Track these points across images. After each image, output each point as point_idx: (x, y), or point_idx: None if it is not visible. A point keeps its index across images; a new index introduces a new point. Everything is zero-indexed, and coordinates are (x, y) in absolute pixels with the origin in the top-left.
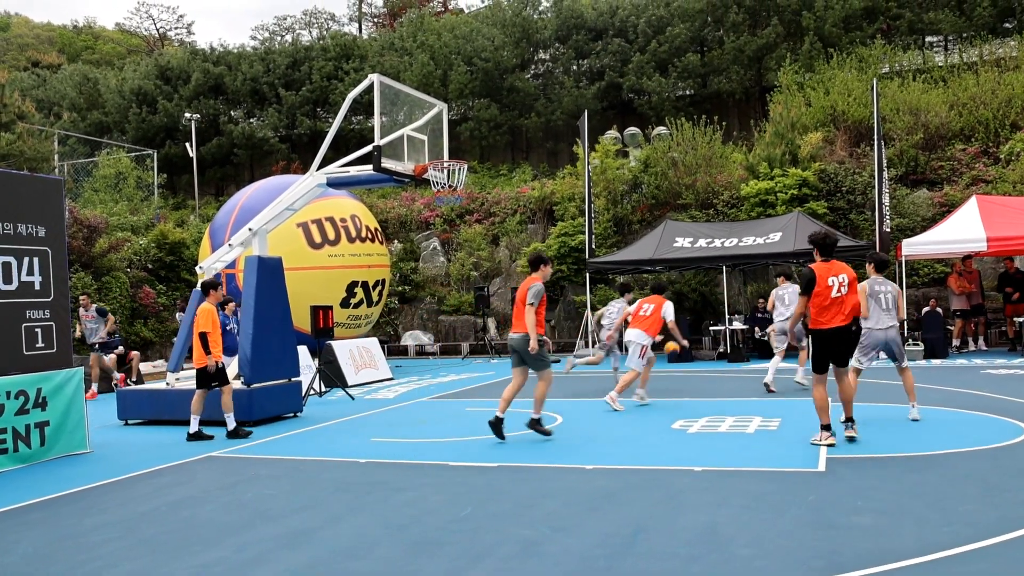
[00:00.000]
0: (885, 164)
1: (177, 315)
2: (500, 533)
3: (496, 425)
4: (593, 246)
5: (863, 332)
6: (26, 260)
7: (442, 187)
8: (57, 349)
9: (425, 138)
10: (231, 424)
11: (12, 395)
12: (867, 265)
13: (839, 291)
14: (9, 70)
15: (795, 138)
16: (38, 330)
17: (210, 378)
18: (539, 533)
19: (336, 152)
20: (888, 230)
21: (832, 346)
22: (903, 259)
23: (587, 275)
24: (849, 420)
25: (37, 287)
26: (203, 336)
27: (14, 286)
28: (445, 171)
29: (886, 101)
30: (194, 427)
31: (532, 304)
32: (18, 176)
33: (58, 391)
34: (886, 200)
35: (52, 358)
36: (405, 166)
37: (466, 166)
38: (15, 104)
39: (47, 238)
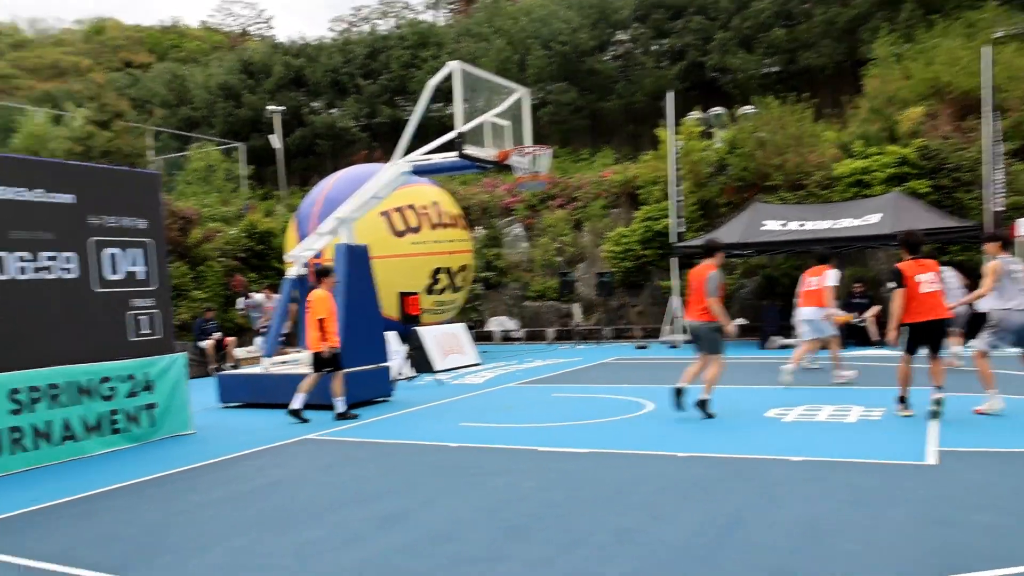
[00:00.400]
0: (998, 138)
1: (241, 301)
2: (594, 520)
3: (701, 405)
4: (680, 230)
5: (994, 314)
6: (130, 251)
7: (525, 173)
8: (162, 335)
9: (508, 124)
10: (340, 408)
11: (123, 378)
12: (987, 245)
13: (928, 287)
14: (105, 71)
15: (893, 113)
16: (144, 317)
17: (324, 363)
18: (633, 521)
19: (418, 140)
20: (1001, 209)
21: (924, 338)
22: (1018, 239)
23: (673, 260)
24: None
25: (141, 277)
26: (320, 322)
27: (120, 276)
28: (528, 157)
29: (1000, 68)
30: (297, 404)
31: (714, 294)
32: (120, 172)
33: (163, 375)
34: (999, 176)
35: (157, 344)
36: (488, 152)
37: (550, 151)
38: (112, 103)
39: (148, 230)
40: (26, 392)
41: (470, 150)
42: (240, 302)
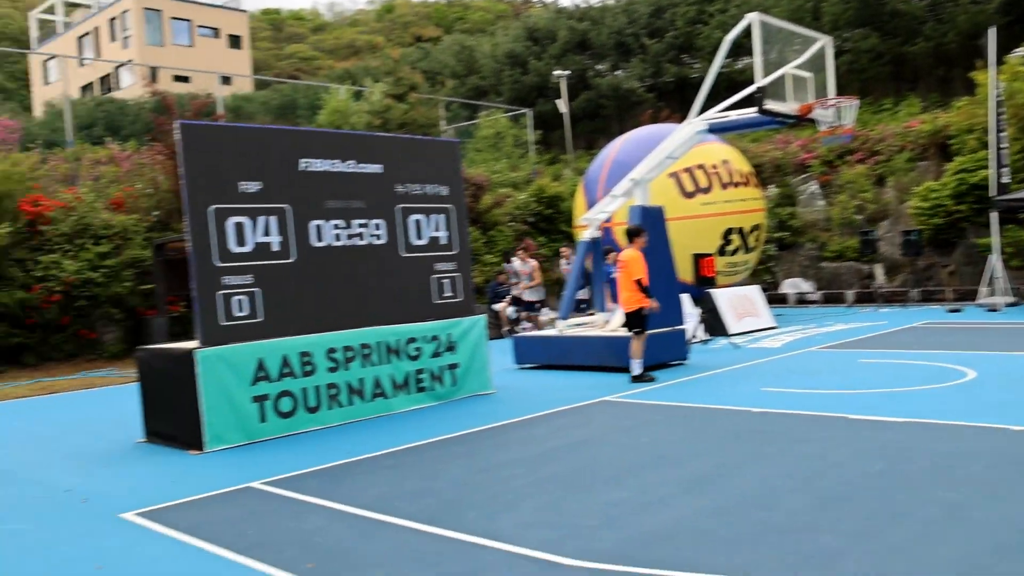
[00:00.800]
0: None
1: (563, 263)
2: (918, 493)
3: None
4: (1004, 180)
5: None
6: (433, 218)
7: (830, 126)
8: (463, 298)
9: (809, 76)
10: (637, 370)
11: (428, 339)
12: None
13: None
14: (398, 47)
15: None
16: (446, 281)
17: (639, 322)
18: (964, 497)
19: (708, 98)
20: None
21: None
22: None
23: (992, 215)
24: None
25: (443, 241)
26: (638, 283)
27: (424, 241)
28: (832, 109)
29: None
30: (637, 370)
31: None
32: (423, 141)
33: (465, 336)
34: None
35: (458, 306)
36: (789, 106)
37: (856, 103)
38: (407, 77)
39: (449, 197)
40: (341, 351)
41: (771, 105)
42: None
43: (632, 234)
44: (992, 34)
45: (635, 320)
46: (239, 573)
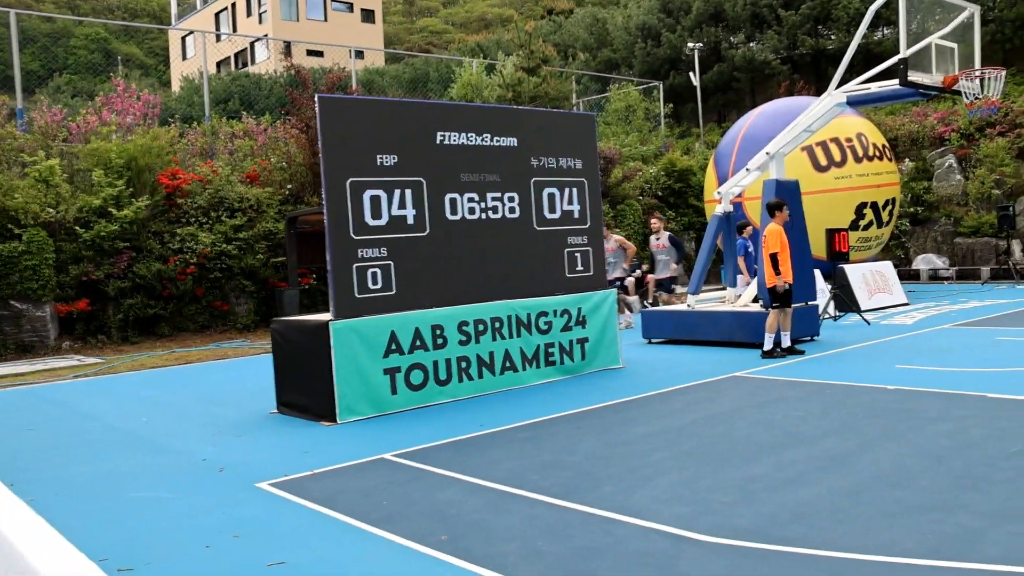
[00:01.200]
0: None
1: (653, 240)
2: None
3: None
4: None
5: None
6: (567, 191)
7: (976, 98)
8: (593, 272)
9: (954, 46)
10: (768, 344)
11: (558, 313)
12: None
13: None
14: (530, 20)
15: None
16: (578, 255)
17: (779, 297)
18: None
19: (845, 70)
20: None
21: None
22: None
23: None
24: None
25: (576, 215)
26: (773, 257)
27: (558, 215)
28: (978, 81)
29: None
30: (769, 345)
31: None
32: (559, 115)
33: (595, 310)
34: None
35: (590, 280)
36: (933, 78)
37: (1003, 74)
38: (540, 50)
39: (583, 170)
40: (472, 325)
41: (915, 76)
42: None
43: (773, 208)
44: None
45: (775, 295)
46: (374, 543)
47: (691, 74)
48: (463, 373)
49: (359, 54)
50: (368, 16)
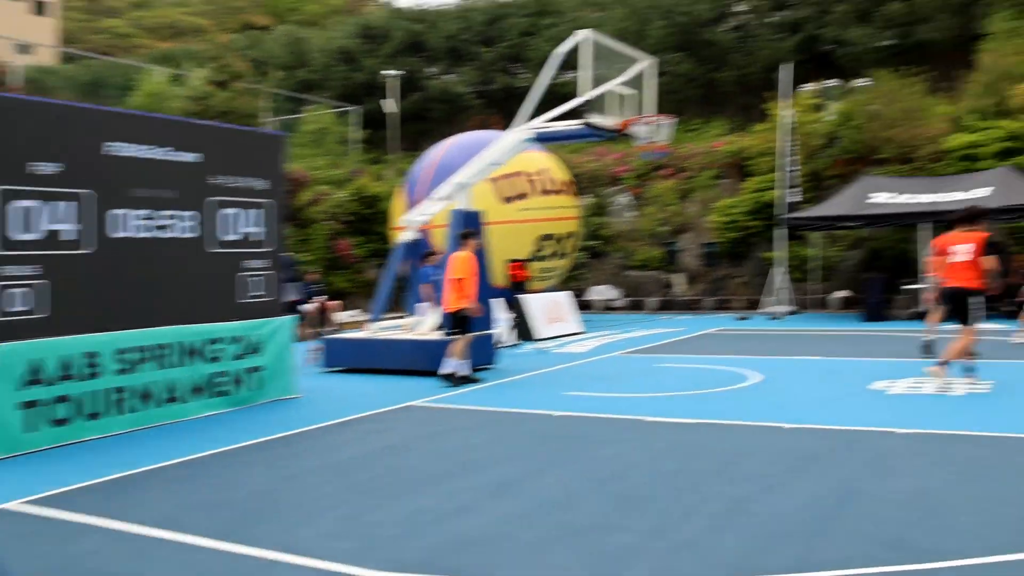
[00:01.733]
0: None
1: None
2: (706, 490)
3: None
4: (790, 200)
5: None
6: (250, 212)
7: (646, 142)
8: (272, 297)
9: (633, 92)
10: (447, 369)
11: (232, 340)
12: None
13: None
14: (225, 33)
15: (1006, 88)
16: (257, 279)
17: (458, 323)
18: (745, 492)
19: (533, 108)
20: None
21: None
22: None
23: (778, 231)
24: None
25: (257, 237)
26: (458, 282)
27: (239, 236)
28: (650, 126)
29: None
30: (449, 369)
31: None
32: (247, 132)
33: (272, 337)
34: None
35: (267, 306)
36: (611, 121)
37: (673, 121)
38: (233, 64)
39: (269, 191)
40: (133, 352)
41: (594, 118)
42: None
43: (465, 236)
44: (786, 70)
45: (456, 321)
46: None
47: (384, 101)
48: (119, 405)
49: (25, 48)
50: (40, 8)
